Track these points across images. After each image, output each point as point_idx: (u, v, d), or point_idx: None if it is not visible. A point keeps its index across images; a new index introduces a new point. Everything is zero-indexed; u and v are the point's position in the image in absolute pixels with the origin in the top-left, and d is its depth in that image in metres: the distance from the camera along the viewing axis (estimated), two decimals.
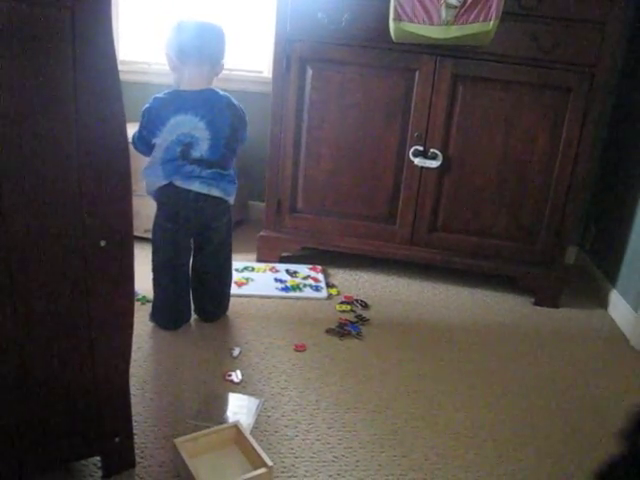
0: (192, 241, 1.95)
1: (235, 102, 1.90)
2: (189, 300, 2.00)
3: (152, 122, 1.80)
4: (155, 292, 1.96)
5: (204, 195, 1.84)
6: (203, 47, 1.84)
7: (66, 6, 0.95)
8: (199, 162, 1.82)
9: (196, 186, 1.82)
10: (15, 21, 0.92)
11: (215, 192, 1.86)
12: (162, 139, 1.80)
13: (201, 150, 1.82)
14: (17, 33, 0.93)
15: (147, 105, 1.82)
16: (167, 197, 1.85)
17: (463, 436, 1.58)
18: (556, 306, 2.39)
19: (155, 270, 1.93)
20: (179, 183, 1.82)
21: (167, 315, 1.95)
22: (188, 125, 1.79)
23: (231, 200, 1.94)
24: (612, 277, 2.45)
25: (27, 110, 0.97)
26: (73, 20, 0.96)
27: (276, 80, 2.33)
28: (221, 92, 1.88)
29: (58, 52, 0.97)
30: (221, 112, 1.84)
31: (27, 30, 0.94)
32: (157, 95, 1.83)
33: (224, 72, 2.87)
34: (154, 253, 1.92)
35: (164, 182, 1.83)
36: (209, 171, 1.84)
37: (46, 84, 0.98)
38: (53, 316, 1.11)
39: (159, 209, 1.89)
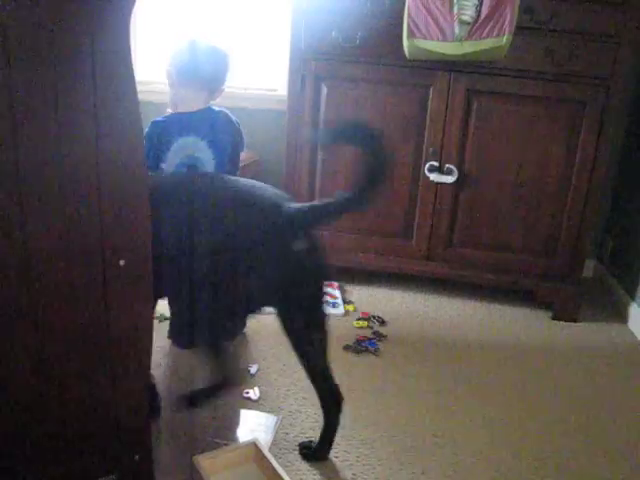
0: None
1: (231, 116, 1.91)
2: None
3: (156, 147, 1.80)
4: (171, 311, 1.97)
5: None
6: (205, 75, 1.84)
7: (86, 32, 0.98)
8: None
9: None
10: (38, 47, 0.95)
11: None
12: (167, 164, 1.81)
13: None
14: (39, 58, 0.95)
15: (146, 130, 1.82)
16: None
17: (482, 452, 1.57)
18: (575, 320, 2.37)
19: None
20: None
21: (184, 334, 1.96)
22: (191, 147, 1.80)
23: None
24: (631, 290, 2.43)
25: (48, 131, 1.00)
26: (93, 45, 0.99)
27: (291, 98, 2.36)
28: (217, 109, 1.89)
29: (79, 75, 1.00)
30: (221, 129, 1.85)
31: (49, 55, 0.96)
32: (156, 119, 1.82)
33: (239, 91, 2.91)
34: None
35: None
36: None
37: (67, 106, 1.00)
38: (73, 334, 1.12)
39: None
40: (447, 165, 2.30)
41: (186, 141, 1.80)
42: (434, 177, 2.31)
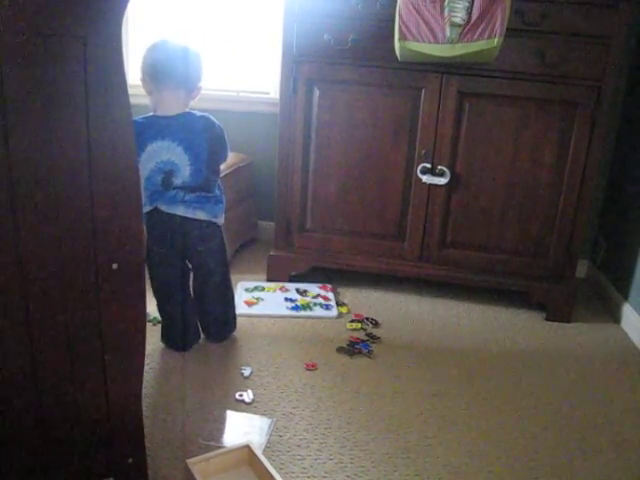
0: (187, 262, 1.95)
1: (213, 122, 1.86)
2: (196, 320, 2.01)
3: None
4: (161, 316, 1.98)
5: (189, 219, 1.83)
6: (177, 73, 1.79)
7: (79, 37, 0.98)
8: (181, 188, 1.81)
9: (181, 210, 1.82)
10: (30, 51, 0.95)
11: (201, 215, 1.85)
12: (142, 167, 1.77)
13: (183, 177, 1.80)
14: (32, 64, 0.95)
15: None
16: (154, 222, 1.84)
17: (476, 454, 1.57)
18: (568, 321, 2.37)
19: (156, 294, 1.94)
20: (164, 208, 1.81)
21: (175, 337, 1.96)
22: (166, 152, 1.78)
23: (219, 221, 1.92)
24: (624, 290, 2.44)
25: (40, 135, 0.99)
26: (85, 50, 0.99)
27: (283, 101, 2.36)
28: (198, 114, 1.84)
29: (71, 79, 1.00)
30: (198, 136, 1.81)
31: (41, 60, 0.96)
32: (135, 119, 1.77)
33: (231, 94, 2.92)
34: (151, 279, 1.91)
35: (149, 208, 1.82)
36: (193, 195, 1.83)
37: (59, 110, 1.00)
38: (65, 338, 1.12)
39: (148, 234, 1.88)
40: (439, 167, 2.31)
41: (161, 145, 1.78)
42: (426, 179, 2.31)
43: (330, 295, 2.42)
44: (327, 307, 2.31)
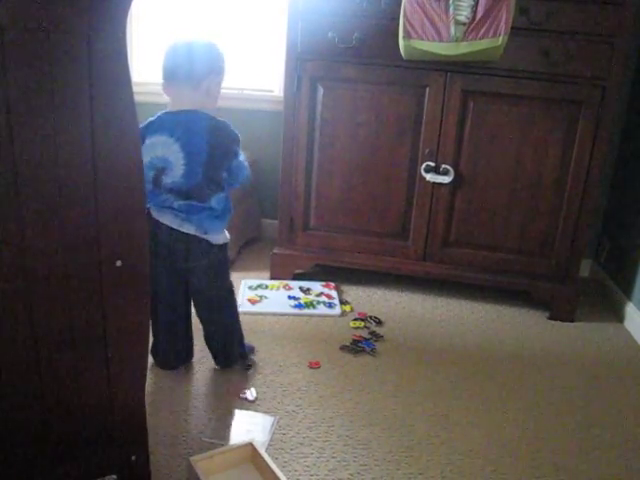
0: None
1: (224, 128, 1.69)
2: (188, 341, 1.87)
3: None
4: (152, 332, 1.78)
5: (176, 230, 1.65)
6: (181, 69, 1.66)
7: (83, 34, 0.98)
8: (171, 190, 1.64)
9: (168, 219, 1.65)
10: (34, 48, 0.95)
11: (187, 228, 1.65)
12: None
13: (174, 176, 1.62)
14: (36, 60, 0.95)
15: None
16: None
17: (479, 453, 1.57)
18: (571, 320, 2.37)
19: None
20: (154, 214, 1.66)
21: (160, 354, 1.83)
22: (162, 146, 1.63)
23: (214, 239, 1.70)
24: (628, 290, 2.43)
25: (44, 132, 0.99)
26: (89, 47, 0.99)
27: (287, 99, 2.36)
28: (204, 115, 1.67)
29: (75, 76, 1.00)
30: (198, 135, 1.64)
31: (45, 57, 0.96)
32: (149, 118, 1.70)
33: (235, 92, 2.91)
34: None
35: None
36: (182, 202, 1.65)
37: (63, 108, 1.00)
38: (69, 335, 1.12)
39: None
40: (443, 165, 2.31)
41: (157, 139, 1.63)
42: (430, 177, 2.31)
43: (333, 293, 2.42)
44: (330, 305, 2.31)
